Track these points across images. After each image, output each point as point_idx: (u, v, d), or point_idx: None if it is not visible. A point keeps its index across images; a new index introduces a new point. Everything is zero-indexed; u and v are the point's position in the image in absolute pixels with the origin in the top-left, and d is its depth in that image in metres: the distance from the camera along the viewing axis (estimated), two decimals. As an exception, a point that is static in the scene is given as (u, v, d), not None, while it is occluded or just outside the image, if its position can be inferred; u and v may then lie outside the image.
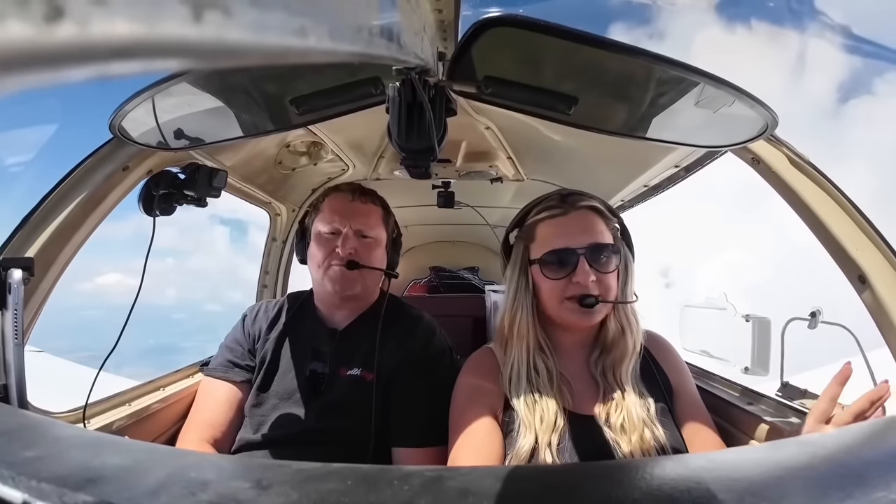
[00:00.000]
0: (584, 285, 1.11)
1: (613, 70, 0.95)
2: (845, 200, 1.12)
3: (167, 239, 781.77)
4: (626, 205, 2.20)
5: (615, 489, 0.44)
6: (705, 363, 1.70)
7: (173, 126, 1.17)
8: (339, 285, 1.42)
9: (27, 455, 0.48)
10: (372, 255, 1.45)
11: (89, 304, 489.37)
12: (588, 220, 1.17)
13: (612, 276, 1.15)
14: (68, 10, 0.16)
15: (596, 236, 1.14)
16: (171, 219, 1.47)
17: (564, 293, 1.14)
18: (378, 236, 1.48)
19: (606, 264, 1.14)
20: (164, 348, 36.50)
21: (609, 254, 1.14)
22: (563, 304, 1.14)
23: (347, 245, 1.40)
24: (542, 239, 1.18)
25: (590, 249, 1.13)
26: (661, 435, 1.08)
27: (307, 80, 1.03)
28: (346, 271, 1.40)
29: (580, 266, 1.12)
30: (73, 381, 2.70)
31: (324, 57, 0.36)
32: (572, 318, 1.14)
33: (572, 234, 1.14)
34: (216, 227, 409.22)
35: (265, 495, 0.42)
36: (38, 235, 1.17)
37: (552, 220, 1.18)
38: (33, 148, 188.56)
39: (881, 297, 1.05)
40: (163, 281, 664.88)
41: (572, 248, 1.13)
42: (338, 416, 1.36)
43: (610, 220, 1.20)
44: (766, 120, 0.99)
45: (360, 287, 1.44)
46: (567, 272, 1.13)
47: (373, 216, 1.48)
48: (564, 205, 1.19)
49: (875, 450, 0.53)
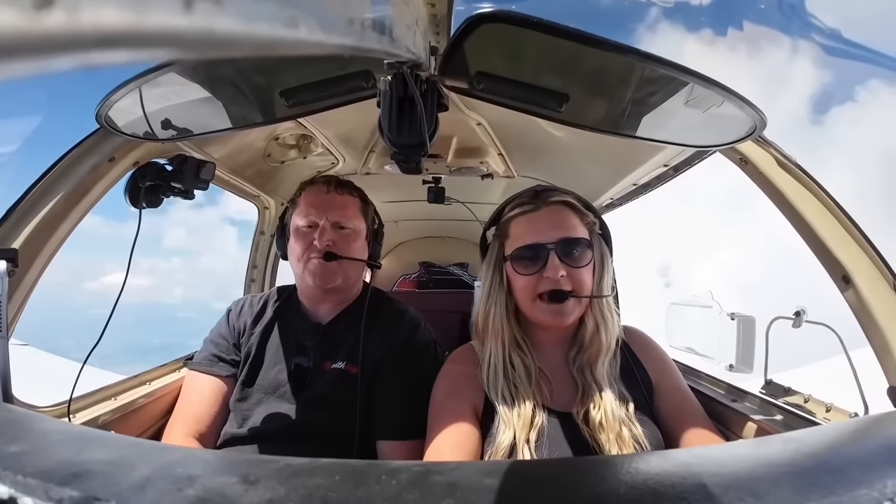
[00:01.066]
0: (554, 280, 1.11)
1: (605, 68, 0.95)
2: (831, 201, 1.13)
3: (180, 238, 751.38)
4: (616, 203, 2.21)
5: (601, 484, 0.45)
6: (689, 360, 1.72)
7: (161, 116, 1.15)
8: (318, 278, 1.42)
9: (12, 450, 0.47)
10: (351, 246, 1.44)
11: (96, 304, 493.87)
12: (559, 216, 1.17)
13: (586, 271, 1.14)
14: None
15: (567, 231, 1.14)
16: (182, 218, 1.47)
17: (536, 289, 1.13)
18: (356, 227, 1.47)
19: (579, 259, 1.13)
20: (183, 348, 36.47)
21: (581, 248, 1.14)
22: (535, 304, 1.14)
23: (325, 237, 1.40)
24: (514, 235, 1.19)
25: (560, 244, 1.12)
26: (639, 433, 1.08)
27: (297, 72, 1.02)
28: (325, 263, 1.39)
29: (550, 261, 1.12)
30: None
31: (315, 49, 0.35)
32: (545, 318, 1.14)
33: (542, 230, 1.14)
34: (226, 227, 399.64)
35: (252, 490, 0.42)
36: (23, 227, 1.15)
37: (524, 217, 1.19)
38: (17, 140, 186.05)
39: (864, 296, 1.06)
40: (172, 280, 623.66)
41: (542, 243, 1.13)
42: (322, 410, 1.36)
43: (585, 214, 1.20)
44: (754, 121, 1.00)
45: (340, 279, 1.44)
46: (538, 267, 1.13)
47: (350, 207, 1.47)
48: (536, 201, 1.19)
49: (858, 447, 0.54)
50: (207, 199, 34.30)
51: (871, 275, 1.07)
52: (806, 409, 1.22)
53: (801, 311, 1.25)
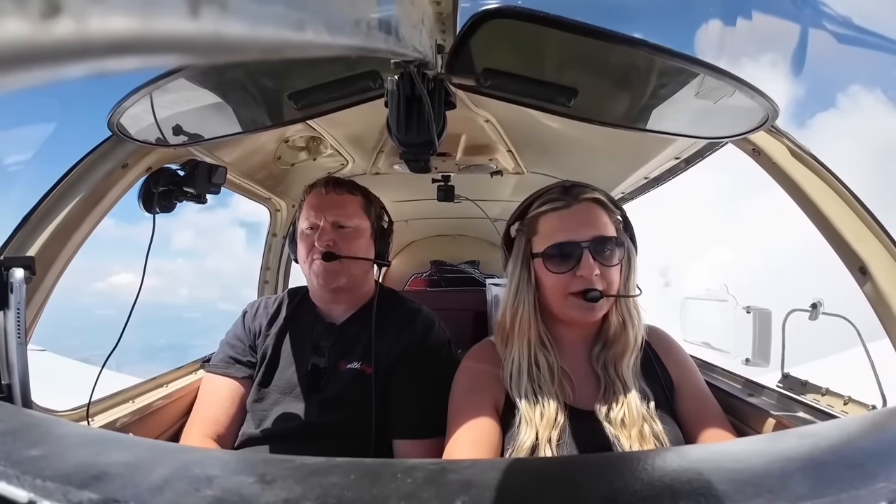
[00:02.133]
0: (588, 279, 1.10)
1: (613, 61, 0.95)
2: (846, 192, 1.11)
3: (188, 240, 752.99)
4: (627, 197, 2.19)
5: (616, 481, 0.44)
6: (706, 355, 1.71)
7: (172, 123, 1.17)
8: (321, 279, 1.42)
9: (32, 454, 0.48)
10: (352, 244, 1.44)
11: (103, 304, 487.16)
12: (591, 213, 1.15)
13: (616, 270, 1.13)
14: (65, 5, 0.16)
15: (600, 229, 1.13)
16: (194, 220, 1.49)
17: (568, 288, 1.12)
18: (358, 225, 1.47)
19: (610, 257, 1.12)
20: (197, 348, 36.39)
21: (612, 247, 1.13)
22: (566, 300, 1.13)
23: (324, 237, 1.41)
24: (544, 232, 1.17)
25: (594, 243, 1.11)
26: (659, 430, 1.07)
27: (305, 74, 1.02)
28: (326, 264, 1.40)
29: (584, 259, 1.10)
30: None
31: (322, 51, 0.35)
32: (576, 314, 1.13)
33: (576, 228, 1.13)
34: (235, 228, 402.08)
35: (269, 490, 0.42)
36: (39, 234, 1.17)
37: (555, 213, 1.16)
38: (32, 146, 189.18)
39: (882, 288, 1.04)
40: (177, 280, 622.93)
41: (576, 242, 1.11)
42: (338, 410, 1.37)
43: (613, 212, 1.18)
44: (766, 111, 0.98)
45: (344, 279, 1.44)
46: (571, 266, 1.11)
47: (349, 206, 1.47)
48: (567, 197, 1.17)
49: (876, 440, 0.53)
50: (218, 201, 34.13)
51: (888, 266, 1.05)
52: (824, 403, 1.21)
53: (817, 303, 1.23)
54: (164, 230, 25.62)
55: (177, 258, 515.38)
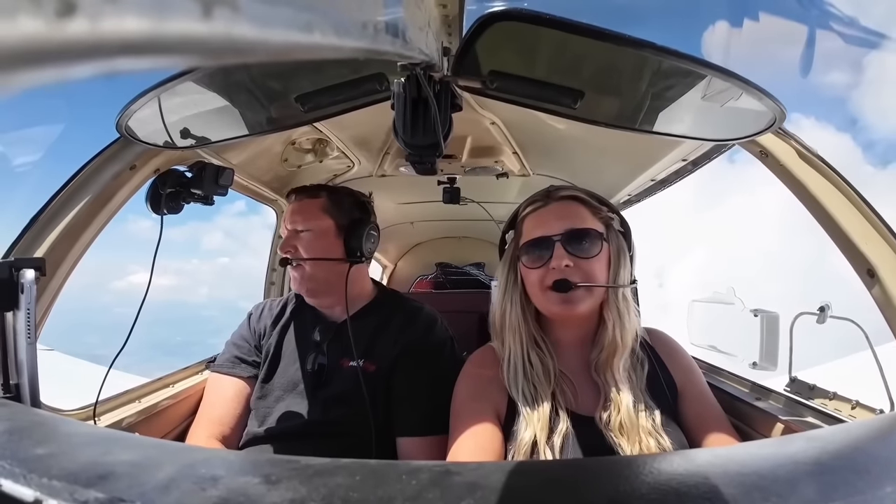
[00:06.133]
0: (559, 269, 1.11)
1: (619, 63, 0.95)
2: (854, 194, 1.11)
3: (217, 240, 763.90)
4: (634, 199, 2.19)
5: (623, 484, 0.44)
6: (711, 358, 1.70)
7: (179, 125, 1.18)
8: (294, 285, 1.47)
9: (38, 452, 0.48)
10: (309, 246, 1.45)
11: (122, 302, 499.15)
12: (566, 209, 1.17)
13: (595, 263, 1.12)
14: (80, 5, 0.16)
15: (574, 222, 1.14)
16: (222, 224, 1.52)
17: (544, 282, 1.13)
18: (315, 227, 1.46)
19: (588, 249, 1.12)
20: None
21: (590, 239, 1.13)
22: (545, 295, 1.14)
23: (285, 245, 1.45)
24: (525, 232, 1.20)
25: (565, 235, 1.12)
26: (667, 445, 1.06)
27: (312, 76, 1.03)
28: (291, 270, 1.45)
29: (555, 251, 1.12)
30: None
31: (330, 53, 0.36)
32: (556, 309, 1.13)
33: (549, 222, 1.15)
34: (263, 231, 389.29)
35: (274, 490, 0.42)
36: (47, 235, 1.18)
37: (534, 213, 1.20)
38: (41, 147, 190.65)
39: (890, 291, 1.04)
40: (197, 280, 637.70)
41: (548, 236, 1.13)
42: (340, 408, 1.38)
43: (597, 209, 1.19)
44: (774, 113, 0.98)
45: (312, 282, 1.46)
46: (545, 260, 1.13)
47: (307, 209, 1.48)
48: (546, 198, 1.21)
49: (883, 445, 0.53)
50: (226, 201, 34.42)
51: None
52: (831, 407, 1.20)
53: (825, 307, 1.22)
54: (180, 232, 24.81)
55: (195, 258, 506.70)
